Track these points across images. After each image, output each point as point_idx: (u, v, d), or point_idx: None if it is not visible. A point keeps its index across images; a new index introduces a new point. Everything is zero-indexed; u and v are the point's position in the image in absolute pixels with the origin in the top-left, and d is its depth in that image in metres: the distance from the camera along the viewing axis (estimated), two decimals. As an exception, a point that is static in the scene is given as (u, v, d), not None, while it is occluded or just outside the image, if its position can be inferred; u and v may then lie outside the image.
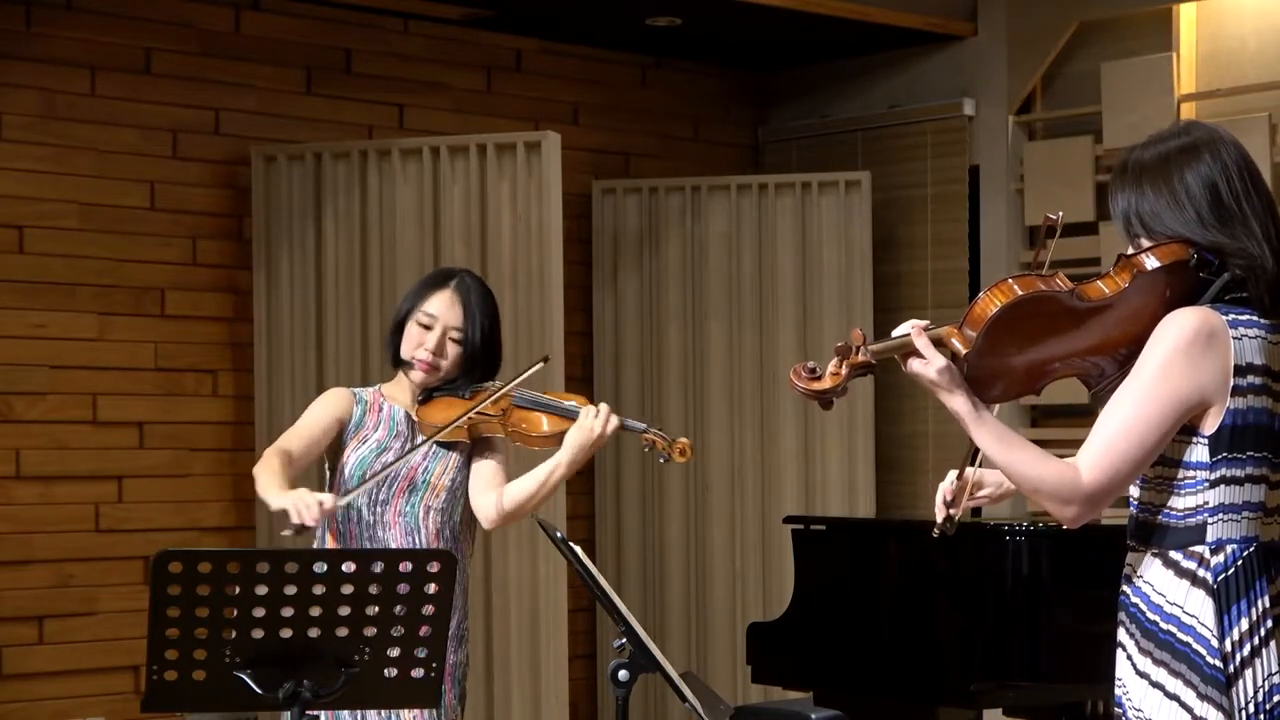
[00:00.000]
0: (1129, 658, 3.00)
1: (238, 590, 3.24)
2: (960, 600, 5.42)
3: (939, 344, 2.98)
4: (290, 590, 3.25)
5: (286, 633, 3.28)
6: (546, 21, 7.45)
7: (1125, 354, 2.97)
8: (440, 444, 4.11)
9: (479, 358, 4.16)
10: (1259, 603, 2.93)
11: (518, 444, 4.16)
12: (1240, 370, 2.92)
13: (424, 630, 3.33)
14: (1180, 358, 2.90)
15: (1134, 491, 3.03)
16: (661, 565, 7.69)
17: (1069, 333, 2.97)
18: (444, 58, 7.41)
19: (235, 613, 3.25)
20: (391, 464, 4.07)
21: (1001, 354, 2.96)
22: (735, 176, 7.81)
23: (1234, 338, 2.92)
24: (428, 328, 4.14)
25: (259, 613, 3.26)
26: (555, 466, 4.06)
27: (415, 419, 4.16)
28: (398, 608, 3.30)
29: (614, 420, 4.08)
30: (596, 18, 7.40)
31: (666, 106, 8.05)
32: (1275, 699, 2.91)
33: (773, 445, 7.57)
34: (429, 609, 3.32)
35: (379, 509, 4.10)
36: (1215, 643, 2.91)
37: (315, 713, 3.35)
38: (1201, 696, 2.91)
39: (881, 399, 7.55)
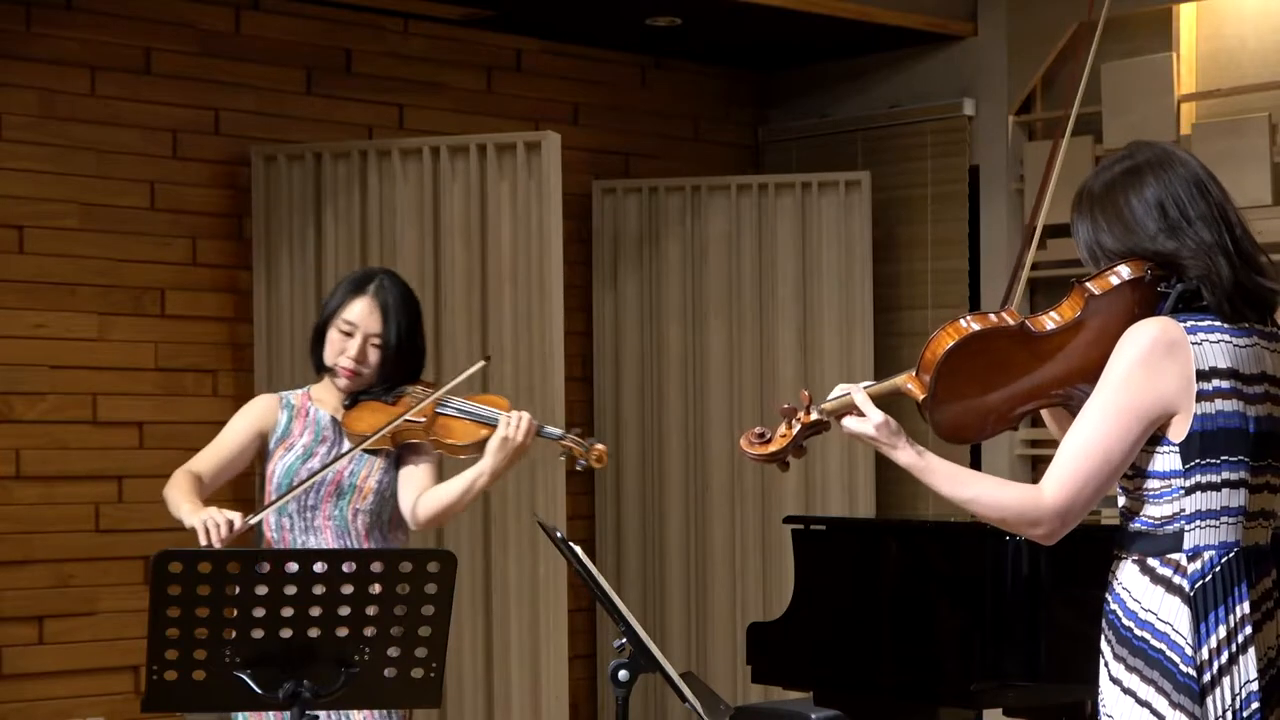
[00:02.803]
0: (1105, 664, 3.01)
1: (238, 590, 3.24)
2: (960, 600, 5.41)
3: (897, 394, 3.00)
4: (290, 590, 3.25)
5: (286, 633, 3.28)
6: (546, 21, 7.45)
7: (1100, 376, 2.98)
8: (366, 449, 4.14)
9: (400, 362, 4.19)
10: (1237, 609, 2.92)
11: (439, 451, 4.18)
12: (1203, 375, 2.92)
13: (424, 630, 3.34)
14: (1139, 369, 2.91)
15: (1119, 500, 3.04)
16: (661, 565, 7.69)
17: (1031, 366, 2.99)
18: (444, 58, 7.41)
19: (235, 613, 3.26)
20: (316, 472, 4.11)
21: (962, 395, 2.98)
22: (735, 176, 7.81)
23: (1193, 344, 2.92)
24: (348, 334, 4.17)
25: (259, 613, 3.26)
26: (478, 475, 4.09)
27: (341, 424, 4.20)
28: (398, 608, 3.31)
29: (532, 428, 4.10)
30: (596, 18, 7.40)
31: (666, 106, 8.05)
32: (1253, 706, 2.91)
33: (773, 445, 7.56)
34: (429, 609, 3.32)
35: (309, 514, 4.15)
36: (1190, 651, 2.90)
37: (315, 713, 3.35)
38: (1174, 705, 2.91)
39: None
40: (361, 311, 4.16)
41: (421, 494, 4.13)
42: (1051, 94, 7.49)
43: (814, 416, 3.01)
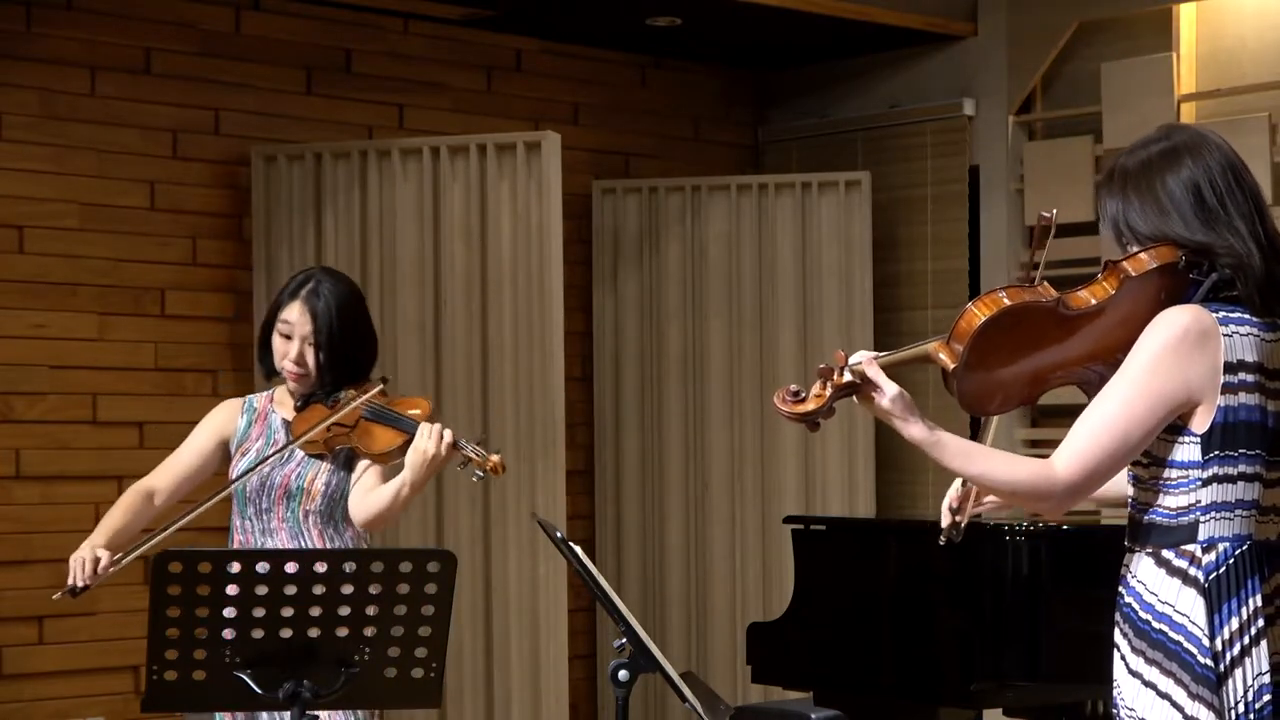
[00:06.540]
0: (1123, 658, 3.00)
1: (238, 590, 3.24)
2: (960, 600, 5.42)
3: (925, 361, 2.99)
4: (290, 590, 3.25)
5: (286, 633, 3.28)
6: (546, 21, 7.45)
7: (1122, 359, 2.98)
8: (309, 453, 4.16)
9: (338, 361, 4.18)
10: (1250, 602, 2.93)
11: (362, 456, 4.16)
12: (1231, 367, 2.92)
13: (424, 630, 3.34)
14: (1169, 355, 2.90)
15: (1130, 491, 3.03)
16: (661, 565, 7.69)
17: (1060, 342, 2.98)
18: (444, 58, 7.41)
19: (235, 613, 3.26)
20: (234, 480, 4.14)
21: (991, 366, 2.97)
22: (735, 176, 7.81)
23: (1224, 335, 2.93)
24: (287, 337, 4.20)
25: (259, 613, 3.26)
26: (401, 486, 4.04)
27: (290, 427, 4.24)
28: (398, 608, 3.31)
29: (447, 438, 4.02)
30: (596, 18, 7.40)
31: (666, 106, 8.05)
32: (1265, 698, 2.91)
33: (773, 445, 7.57)
34: (429, 609, 3.32)
35: (265, 516, 4.18)
36: (1206, 642, 2.91)
37: (315, 713, 3.35)
38: (1193, 696, 2.91)
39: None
40: (295, 313, 4.18)
41: (360, 498, 4.14)
42: (1051, 94, 7.49)
43: (846, 378, 3.00)
